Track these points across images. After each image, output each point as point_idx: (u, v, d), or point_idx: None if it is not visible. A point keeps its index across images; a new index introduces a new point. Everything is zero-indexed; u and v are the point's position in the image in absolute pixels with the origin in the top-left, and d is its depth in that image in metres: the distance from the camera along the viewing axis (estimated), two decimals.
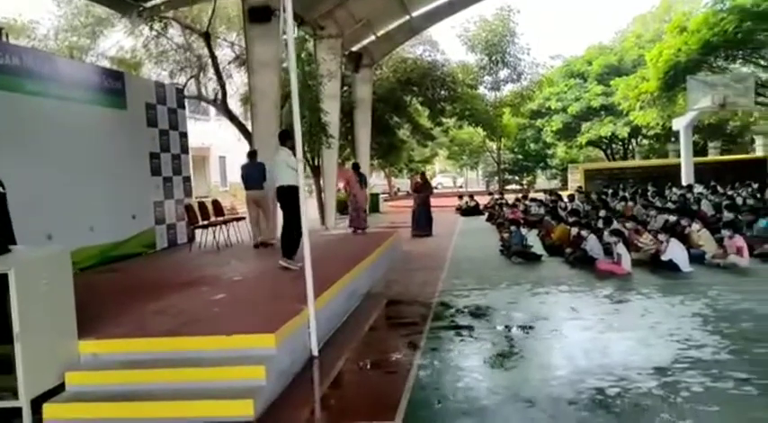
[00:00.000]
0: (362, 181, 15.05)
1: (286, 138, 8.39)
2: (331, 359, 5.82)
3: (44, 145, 8.97)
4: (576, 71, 38.80)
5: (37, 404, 4.54)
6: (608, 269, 9.69)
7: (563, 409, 4.43)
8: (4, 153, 7.99)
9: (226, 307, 6.46)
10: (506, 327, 6.78)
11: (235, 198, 28.45)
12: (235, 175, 29.98)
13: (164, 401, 4.56)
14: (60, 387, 4.80)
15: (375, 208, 25.52)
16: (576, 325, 6.80)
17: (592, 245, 10.51)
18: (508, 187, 40.88)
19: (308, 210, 7.39)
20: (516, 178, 48.01)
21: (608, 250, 10.30)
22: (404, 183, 46.19)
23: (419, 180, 17.25)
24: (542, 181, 48.18)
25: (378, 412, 4.66)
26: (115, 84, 11.02)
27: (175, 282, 8.07)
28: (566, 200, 19.13)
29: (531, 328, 6.70)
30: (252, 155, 11.29)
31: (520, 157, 45.54)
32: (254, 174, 10.99)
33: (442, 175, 61.39)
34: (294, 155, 7.93)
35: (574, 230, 11.57)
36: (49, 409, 4.55)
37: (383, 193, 32.84)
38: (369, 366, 5.74)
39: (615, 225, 11.59)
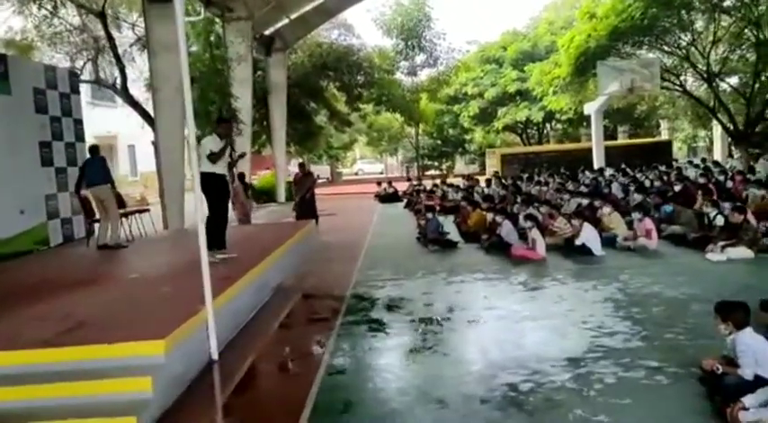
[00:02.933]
0: (246, 190, 14.78)
1: (218, 123, 8.19)
2: (234, 362, 5.42)
3: None
4: (492, 57, 39.06)
5: None
6: (523, 255, 9.63)
7: (475, 408, 4.21)
8: None
9: (118, 309, 5.90)
10: (421, 320, 6.51)
11: (146, 188, 27.17)
12: (145, 165, 28.84)
13: (35, 422, 4.04)
14: None
15: (291, 196, 24.96)
16: (491, 315, 6.60)
17: (507, 230, 10.42)
18: (428, 173, 40.97)
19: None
20: (436, 164, 48.22)
21: (523, 235, 10.25)
22: (324, 170, 45.54)
23: (299, 171, 16.00)
24: (461, 166, 48.56)
25: (278, 420, 4.32)
26: None
27: (65, 281, 7.39)
28: (482, 185, 19.19)
29: (446, 319, 6.49)
30: (93, 150, 10.19)
31: (439, 142, 45.74)
32: (94, 170, 9.88)
33: (363, 162, 60.77)
34: (221, 140, 7.58)
35: (489, 216, 11.49)
36: None
37: None
38: (274, 368, 5.37)
39: (530, 210, 11.57)
